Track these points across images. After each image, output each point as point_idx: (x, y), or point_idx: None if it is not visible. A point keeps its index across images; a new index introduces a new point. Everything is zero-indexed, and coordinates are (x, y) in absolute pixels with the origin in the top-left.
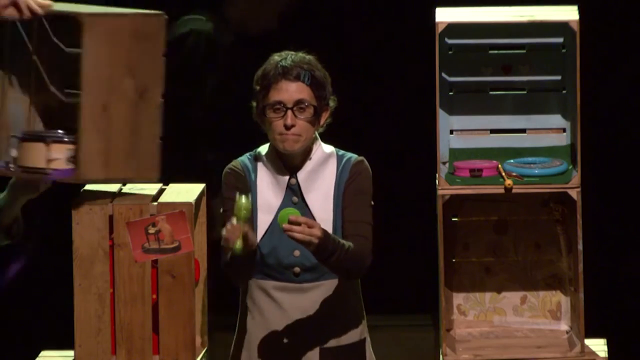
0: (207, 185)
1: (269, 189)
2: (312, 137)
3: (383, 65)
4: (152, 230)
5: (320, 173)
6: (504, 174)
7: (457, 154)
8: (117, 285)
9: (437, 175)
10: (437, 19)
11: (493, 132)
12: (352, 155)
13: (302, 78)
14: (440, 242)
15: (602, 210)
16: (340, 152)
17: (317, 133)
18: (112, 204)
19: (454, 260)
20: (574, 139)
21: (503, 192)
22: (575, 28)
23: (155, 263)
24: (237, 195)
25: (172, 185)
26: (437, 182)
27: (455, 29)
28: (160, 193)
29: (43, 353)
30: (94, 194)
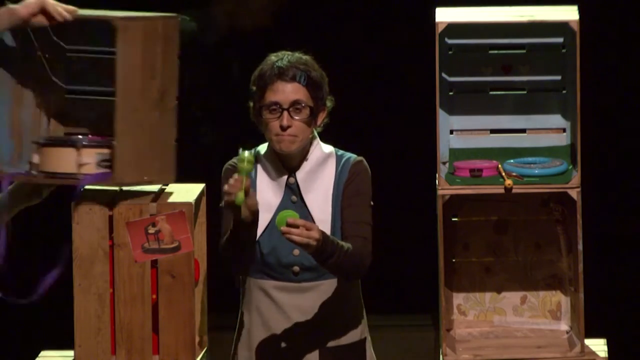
0: (206, 185)
1: (268, 188)
2: (308, 137)
3: (383, 65)
4: (152, 230)
5: (320, 173)
6: (504, 174)
7: (457, 154)
8: (117, 285)
9: (437, 175)
10: (437, 19)
11: (493, 132)
12: (351, 155)
13: (298, 79)
14: (440, 242)
15: (602, 210)
16: (340, 152)
17: (315, 133)
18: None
19: (454, 260)
20: (574, 139)
21: (503, 192)
22: (575, 28)
23: (155, 263)
24: (240, 149)
25: (172, 185)
26: (437, 182)
27: (455, 29)
28: (160, 193)
29: (43, 353)
30: (94, 194)
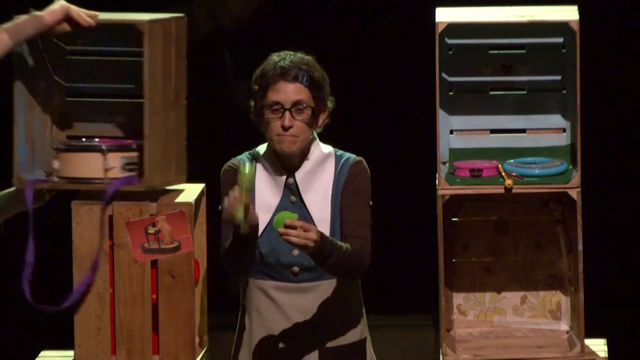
0: (206, 185)
1: (267, 189)
2: (309, 137)
3: (383, 66)
4: (152, 230)
5: (319, 173)
6: (504, 174)
7: (457, 154)
8: (117, 285)
9: (437, 175)
10: (437, 19)
11: (493, 132)
12: (350, 156)
13: (300, 79)
14: (440, 242)
15: (602, 210)
16: (339, 152)
17: (315, 133)
18: (112, 204)
19: (454, 260)
20: (574, 139)
21: (503, 192)
22: (575, 28)
23: (155, 263)
24: (240, 164)
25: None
26: (437, 182)
27: (455, 29)
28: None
29: (43, 353)
30: (94, 194)
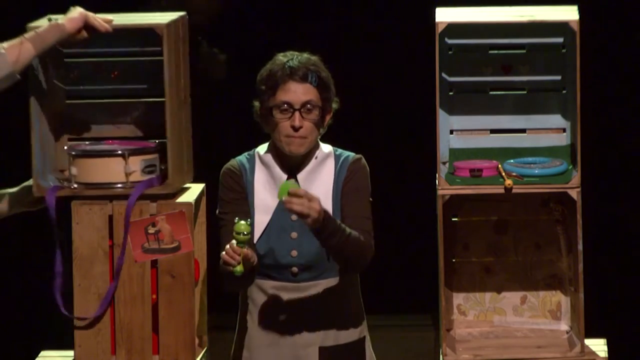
0: (206, 185)
1: (266, 189)
2: (316, 138)
3: (383, 65)
4: (152, 230)
5: (319, 173)
6: (504, 174)
7: (457, 154)
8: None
9: (437, 175)
10: (437, 19)
11: (493, 132)
12: (349, 154)
13: (309, 79)
14: (440, 242)
15: (602, 210)
16: (338, 151)
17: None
18: (111, 204)
19: (454, 260)
20: (574, 139)
21: (503, 192)
22: (575, 28)
23: (155, 263)
24: (236, 219)
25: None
26: (437, 182)
27: (455, 29)
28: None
29: (43, 353)
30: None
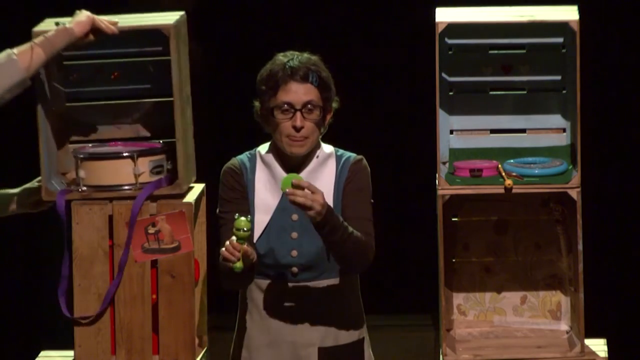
0: (206, 185)
1: (267, 189)
2: (317, 138)
3: (383, 65)
4: (152, 230)
5: (320, 173)
6: (504, 174)
7: (457, 154)
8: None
9: (437, 175)
10: (437, 19)
11: (493, 132)
12: (350, 155)
13: (310, 79)
14: (440, 242)
15: (602, 210)
16: (339, 151)
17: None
18: (111, 204)
19: (454, 260)
20: (574, 139)
21: (503, 192)
22: (575, 28)
23: (155, 263)
24: (236, 215)
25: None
26: (437, 182)
27: (455, 29)
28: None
29: (43, 353)
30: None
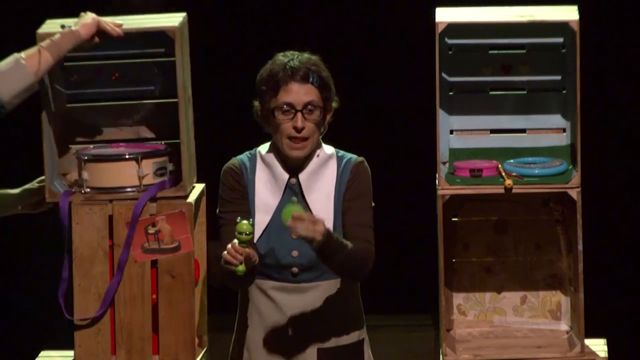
0: (206, 185)
1: (267, 189)
2: (318, 139)
3: (383, 65)
4: (152, 230)
5: (321, 174)
6: (504, 174)
7: (457, 154)
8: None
9: (437, 175)
10: (437, 19)
11: (493, 132)
12: (352, 156)
13: (311, 80)
14: (440, 242)
15: (602, 210)
16: (340, 152)
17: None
18: (111, 204)
19: (454, 260)
20: (574, 139)
21: (503, 192)
22: (575, 28)
23: (155, 263)
24: (238, 219)
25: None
26: (437, 182)
27: (455, 29)
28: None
29: (43, 353)
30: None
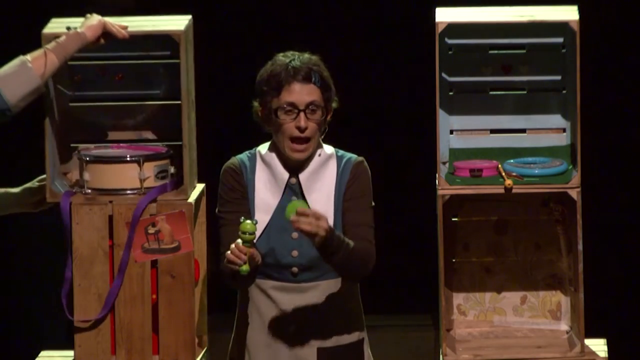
0: (206, 185)
1: (267, 188)
2: (319, 139)
3: (383, 65)
4: (152, 230)
5: (321, 174)
6: (504, 174)
7: (457, 154)
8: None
9: (437, 175)
10: (437, 19)
11: (493, 132)
12: (351, 156)
13: (313, 80)
14: (440, 242)
15: (602, 210)
16: (340, 152)
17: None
18: (111, 204)
19: (454, 260)
20: (574, 139)
21: (503, 192)
22: (575, 28)
23: (155, 263)
24: (241, 219)
25: None
26: (437, 182)
27: (455, 29)
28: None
29: (43, 353)
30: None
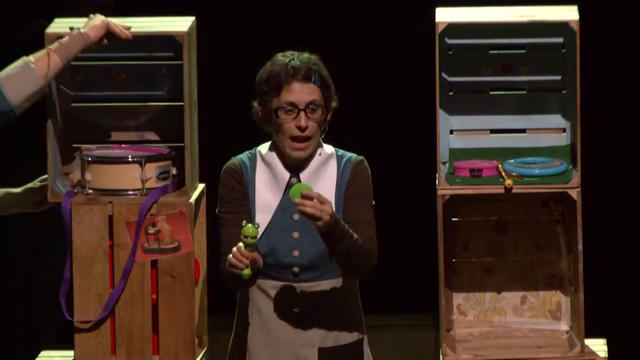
0: (206, 185)
1: (267, 188)
2: (319, 138)
3: (383, 65)
4: (152, 230)
5: (322, 174)
6: (504, 174)
7: (457, 154)
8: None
9: (437, 175)
10: (437, 19)
11: (493, 132)
12: (352, 155)
13: (313, 79)
14: (440, 242)
15: (602, 210)
16: (340, 151)
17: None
18: (111, 204)
19: (454, 260)
20: (574, 139)
21: (503, 192)
22: (575, 28)
23: (155, 263)
24: (243, 222)
25: None
26: (437, 182)
27: (455, 29)
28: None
29: (43, 353)
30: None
